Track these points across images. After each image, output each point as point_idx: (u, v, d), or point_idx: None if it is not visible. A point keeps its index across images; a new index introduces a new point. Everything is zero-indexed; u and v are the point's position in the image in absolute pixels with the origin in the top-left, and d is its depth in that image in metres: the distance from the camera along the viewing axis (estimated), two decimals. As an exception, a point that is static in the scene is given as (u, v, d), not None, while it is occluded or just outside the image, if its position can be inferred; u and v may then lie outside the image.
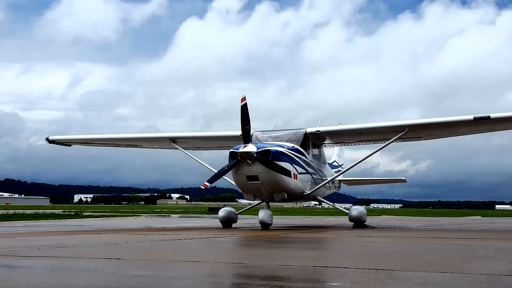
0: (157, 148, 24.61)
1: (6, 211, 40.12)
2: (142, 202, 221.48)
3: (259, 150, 16.35)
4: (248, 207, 24.03)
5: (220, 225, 19.44)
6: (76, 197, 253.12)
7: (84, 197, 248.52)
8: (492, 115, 17.97)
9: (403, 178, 31.29)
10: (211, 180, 17.35)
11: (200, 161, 21.44)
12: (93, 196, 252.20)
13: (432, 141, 21.42)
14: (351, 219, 19.42)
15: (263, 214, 17.29)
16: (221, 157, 19.21)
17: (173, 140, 22.08)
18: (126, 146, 24.40)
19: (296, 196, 18.78)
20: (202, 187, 17.71)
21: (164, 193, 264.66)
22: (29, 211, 40.02)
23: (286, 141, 18.52)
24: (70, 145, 24.31)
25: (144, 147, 24.71)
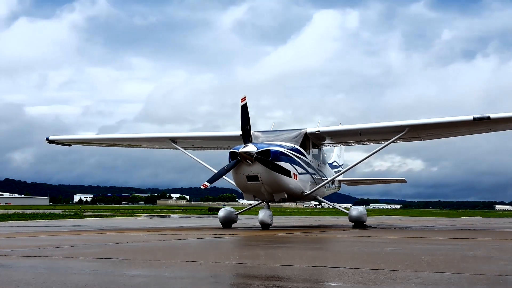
0: (157, 148, 24.59)
1: (6, 211, 40.16)
2: (142, 202, 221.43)
3: (259, 150, 16.35)
4: (248, 207, 24.03)
5: (220, 225, 19.44)
6: (76, 197, 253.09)
7: (84, 197, 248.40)
8: (492, 115, 17.96)
9: (403, 178, 31.24)
10: (211, 180, 17.34)
11: (200, 161, 21.43)
12: (93, 196, 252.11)
13: (432, 141, 21.41)
14: (351, 219, 19.42)
15: (263, 214, 17.29)
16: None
17: (173, 140, 22.07)
18: (126, 146, 24.38)
19: (296, 196, 18.77)
20: (202, 187, 17.70)
21: (164, 193, 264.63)
22: (29, 211, 40.04)
23: (286, 141, 18.50)
24: (70, 145, 24.29)
25: (144, 147, 24.70)
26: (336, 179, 24.80)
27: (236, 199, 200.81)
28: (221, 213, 19.67)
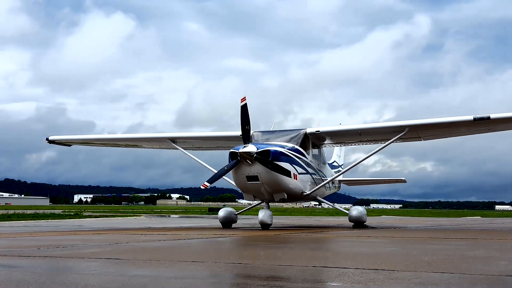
0: (157, 148, 24.60)
1: (6, 211, 40.16)
2: (142, 202, 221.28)
3: (259, 150, 16.35)
4: (248, 207, 24.03)
5: (220, 225, 19.44)
6: (76, 197, 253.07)
7: (84, 197, 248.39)
8: (492, 116, 17.96)
9: (403, 178, 31.21)
10: (211, 180, 17.34)
11: (200, 161, 21.44)
12: (93, 196, 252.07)
13: (432, 141, 21.41)
14: (351, 219, 19.41)
15: (263, 214, 17.29)
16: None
17: (173, 140, 22.08)
18: (126, 146, 24.39)
19: (296, 196, 18.77)
20: (202, 187, 17.70)
21: (164, 193, 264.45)
22: (29, 211, 40.03)
23: (286, 141, 18.52)
24: (70, 145, 24.30)
25: (144, 147, 24.70)
26: (336, 179, 24.80)
27: (236, 199, 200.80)
28: (221, 213, 19.67)
